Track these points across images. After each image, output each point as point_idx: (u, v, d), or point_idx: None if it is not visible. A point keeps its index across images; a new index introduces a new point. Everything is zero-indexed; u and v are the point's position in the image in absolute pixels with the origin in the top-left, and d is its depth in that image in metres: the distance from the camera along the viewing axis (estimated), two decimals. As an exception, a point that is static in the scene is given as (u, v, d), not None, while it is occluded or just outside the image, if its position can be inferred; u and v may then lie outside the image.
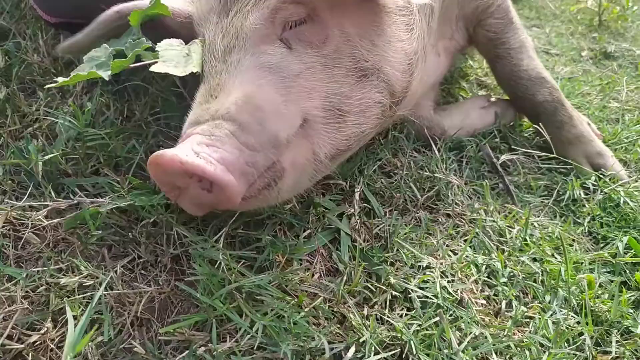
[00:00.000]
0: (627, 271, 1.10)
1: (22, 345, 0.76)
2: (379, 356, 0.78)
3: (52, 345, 0.78)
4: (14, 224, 0.92)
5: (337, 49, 0.92)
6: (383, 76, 0.96)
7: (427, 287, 0.94)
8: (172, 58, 0.84)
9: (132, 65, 0.83)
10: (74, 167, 1.02)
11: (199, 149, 0.72)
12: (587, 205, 1.24)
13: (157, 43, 0.87)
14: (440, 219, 1.14)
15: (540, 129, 1.30)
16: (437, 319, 0.86)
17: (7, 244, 0.90)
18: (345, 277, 0.94)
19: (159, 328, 0.83)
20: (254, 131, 0.77)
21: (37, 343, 0.79)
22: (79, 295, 0.82)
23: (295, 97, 0.84)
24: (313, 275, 0.95)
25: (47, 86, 0.97)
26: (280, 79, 0.84)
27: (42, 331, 0.79)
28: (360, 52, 0.94)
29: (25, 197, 0.91)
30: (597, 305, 1.00)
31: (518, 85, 1.40)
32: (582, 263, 1.10)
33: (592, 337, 0.94)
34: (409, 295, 0.92)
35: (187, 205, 0.81)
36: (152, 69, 0.81)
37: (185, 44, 0.91)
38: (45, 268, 0.86)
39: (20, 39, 1.34)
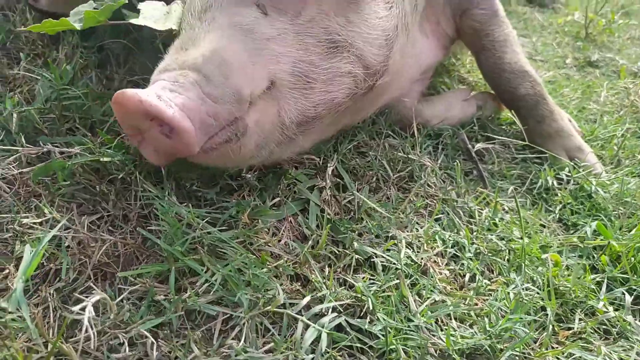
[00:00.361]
0: (595, 256, 1.11)
1: (-18, 284, 0.76)
2: (333, 304, 0.79)
3: (13, 287, 0.78)
4: (-15, 175, 0.93)
5: (311, 20, 0.94)
6: (355, 50, 0.98)
7: (391, 255, 0.95)
8: (153, 14, 0.86)
9: (111, 22, 0.85)
10: (50, 126, 1.04)
11: (161, 92, 0.74)
12: (559, 194, 1.26)
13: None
14: (411, 198, 1.15)
15: (514, 118, 1.33)
16: (397, 281, 0.87)
17: (-23, 195, 0.91)
18: (311, 242, 0.95)
19: (121, 278, 0.84)
20: (218, 83, 0.78)
21: (-1, 286, 0.80)
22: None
23: (264, 60, 0.86)
24: (280, 240, 0.96)
25: (17, 30, 0.98)
26: (251, 40, 0.86)
27: (4, 273, 0.80)
28: (333, 26, 0.96)
29: (-4, 144, 0.92)
30: (561, 283, 1.01)
31: (501, 77, 1.42)
32: (550, 246, 1.11)
33: (555, 314, 0.95)
34: (373, 260, 0.93)
35: (148, 152, 0.82)
36: (133, 21, 0.83)
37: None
38: (13, 216, 0.87)
39: (10, 13, 1.36)
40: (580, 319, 0.96)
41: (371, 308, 0.81)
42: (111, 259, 0.88)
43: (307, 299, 0.79)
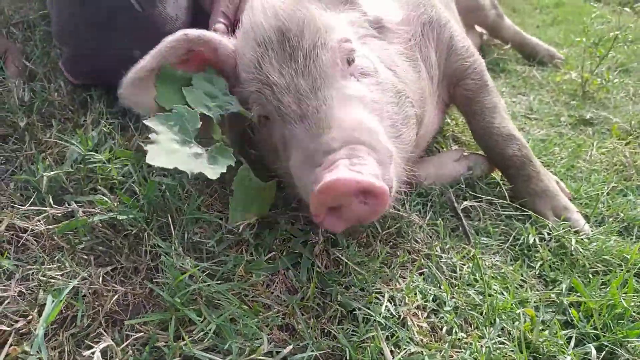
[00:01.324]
0: (570, 312, 1.18)
1: (8, 328, 0.88)
2: (314, 353, 0.88)
3: (34, 332, 0.89)
4: (17, 230, 1.06)
5: (383, 76, 1.13)
6: (410, 97, 1.19)
7: (372, 307, 1.04)
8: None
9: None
10: (75, 186, 1.18)
11: (359, 168, 0.88)
12: (540, 251, 1.34)
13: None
14: (398, 253, 1.25)
15: (496, 177, 1.43)
16: (375, 333, 0.96)
17: (9, 247, 1.05)
18: (300, 294, 1.05)
19: (129, 325, 0.95)
20: (380, 149, 0.95)
21: (22, 330, 0.91)
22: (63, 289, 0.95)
23: (380, 116, 1.06)
24: (272, 292, 1.07)
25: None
26: (364, 105, 1.04)
27: (28, 318, 0.91)
28: (393, 78, 1.16)
29: (28, 204, 1.06)
30: (535, 338, 1.08)
31: (490, 140, 1.55)
32: (528, 301, 1.19)
33: (526, 367, 1.03)
34: (354, 313, 1.02)
35: (334, 222, 0.94)
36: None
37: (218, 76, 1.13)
38: (38, 267, 0.99)
39: (46, 82, 1.54)
40: (551, 373, 1.03)
41: (349, 358, 0.90)
42: (122, 307, 0.99)
43: (289, 348, 0.88)
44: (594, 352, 1.04)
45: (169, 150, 0.94)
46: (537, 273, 1.29)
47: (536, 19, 4.31)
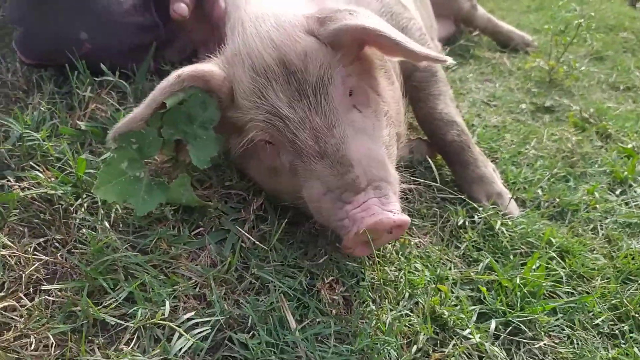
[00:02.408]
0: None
1: None
2: (217, 318, 0.94)
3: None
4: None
5: (374, 102, 1.20)
6: (392, 116, 1.27)
7: (287, 281, 1.10)
8: None
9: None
10: (17, 162, 1.24)
11: (390, 207, 1.00)
12: (468, 232, 1.40)
13: None
14: (327, 233, 1.31)
15: (431, 163, 1.48)
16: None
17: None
18: (220, 267, 1.12)
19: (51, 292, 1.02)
20: (392, 181, 1.07)
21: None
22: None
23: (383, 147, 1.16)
24: (196, 265, 1.13)
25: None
26: (370, 137, 1.12)
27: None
28: (380, 102, 1.22)
29: (-39, 178, 1.13)
30: (442, 312, 1.14)
31: (432, 125, 1.61)
32: (447, 279, 1.25)
33: (433, 339, 1.09)
34: (268, 285, 1.09)
35: (363, 250, 1.07)
36: None
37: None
38: (-30, 237, 1.06)
39: (3, 63, 1.60)
40: (454, 344, 1.09)
41: (249, 325, 0.96)
42: (49, 276, 1.06)
43: (191, 313, 0.95)
44: (493, 325, 1.11)
45: (116, 174, 1.07)
46: (461, 253, 1.35)
47: (522, 4, 4.31)
